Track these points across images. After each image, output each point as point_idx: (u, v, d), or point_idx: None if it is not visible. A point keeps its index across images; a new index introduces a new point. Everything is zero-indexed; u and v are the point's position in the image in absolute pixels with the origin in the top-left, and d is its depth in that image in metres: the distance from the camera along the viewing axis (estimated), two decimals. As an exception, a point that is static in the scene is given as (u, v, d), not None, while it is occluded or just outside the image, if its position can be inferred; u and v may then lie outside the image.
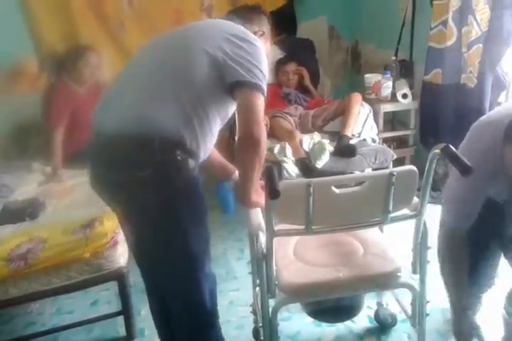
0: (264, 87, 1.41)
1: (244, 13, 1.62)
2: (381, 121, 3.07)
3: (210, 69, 1.38)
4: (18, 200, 2.25)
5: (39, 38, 3.07)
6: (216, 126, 1.47)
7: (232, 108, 1.48)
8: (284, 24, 3.57)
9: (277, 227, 1.41)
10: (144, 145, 1.32)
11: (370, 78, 3.18)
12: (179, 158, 1.34)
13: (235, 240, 2.70)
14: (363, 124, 2.87)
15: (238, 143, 1.42)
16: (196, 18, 3.34)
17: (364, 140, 2.86)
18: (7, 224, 2.04)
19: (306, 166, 2.56)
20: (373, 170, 2.72)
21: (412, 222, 1.51)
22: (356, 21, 3.83)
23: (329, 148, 2.68)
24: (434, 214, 1.62)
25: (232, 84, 1.38)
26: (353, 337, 1.94)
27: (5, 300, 1.77)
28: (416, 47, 3.21)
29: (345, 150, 2.65)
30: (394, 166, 2.73)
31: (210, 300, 1.52)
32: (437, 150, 1.34)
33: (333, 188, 1.36)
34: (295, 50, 3.46)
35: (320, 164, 2.58)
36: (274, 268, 1.48)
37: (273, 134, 2.93)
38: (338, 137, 2.76)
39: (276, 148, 2.68)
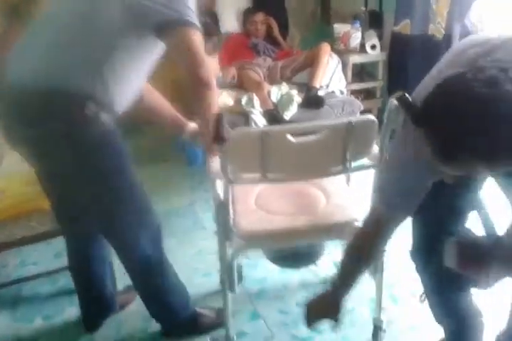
0: (196, 22, 1.31)
1: None
2: (349, 73, 3.05)
3: (124, 12, 1.26)
4: (-27, 152, 2.16)
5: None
6: (139, 73, 1.39)
7: (157, 51, 1.38)
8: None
9: (236, 175, 1.39)
10: (50, 99, 1.25)
11: (339, 28, 3.12)
12: (88, 112, 1.27)
13: (204, 191, 2.69)
14: (331, 76, 2.83)
15: (191, 90, 1.36)
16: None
17: (332, 92, 2.83)
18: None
19: (274, 117, 2.54)
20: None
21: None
22: (326, -31, 3.70)
23: (297, 99, 2.64)
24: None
25: (159, 25, 1.27)
26: (317, 281, 1.99)
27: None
28: (386, -2, 3.15)
29: (312, 101, 2.62)
30: (361, 117, 2.74)
31: (151, 248, 1.52)
32: (394, 100, 1.31)
33: (289, 136, 1.33)
34: (263, -1, 3.35)
35: (288, 115, 2.56)
36: (232, 214, 1.49)
37: (241, 85, 2.89)
38: (306, 88, 2.72)
39: (244, 99, 2.63)
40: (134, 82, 1.39)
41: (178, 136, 1.69)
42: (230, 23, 3.28)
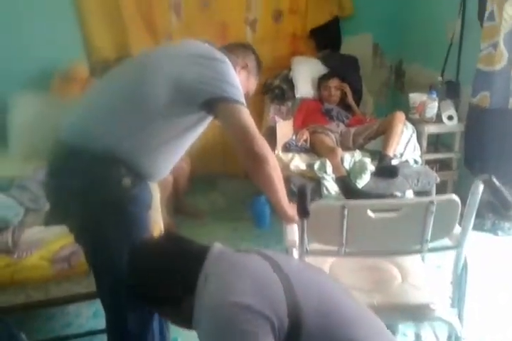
0: (242, 99, 1.37)
1: (231, 47, 1.62)
2: (425, 143, 3.02)
3: (171, 90, 1.34)
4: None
5: (91, 45, 3.19)
6: (177, 146, 1.44)
7: (198, 127, 1.45)
8: (328, 39, 3.59)
9: (312, 246, 1.39)
10: (75, 155, 1.33)
11: (415, 98, 3.14)
12: (109, 174, 1.31)
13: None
14: (405, 145, 2.83)
15: (245, 164, 1.37)
16: (241, 31, 3.40)
17: (406, 161, 2.81)
18: (53, 225, 2.05)
19: (347, 185, 2.53)
20: (415, 192, 2.67)
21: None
22: (401, 39, 3.79)
23: (370, 167, 2.64)
24: (475, 244, 1.52)
25: (207, 103, 1.34)
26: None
27: (46, 300, 1.81)
28: (463, 68, 3.15)
29: (386, 171, 2.61)
30: (436, 189, 2.68)
31: (139, 327, 1.46)
32: (480, 182, 1.31)
33: (369, 212, 1.34)
34: (339, 66, 3.46)
35: (361, 184, 2.55)
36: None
37: (314, 150, 2.93)
38: (380, 156, 2.72)
39: (317, 165, 2.66)
40: (172, 153, 1.44)
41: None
42: (304, 89, 3.40)
